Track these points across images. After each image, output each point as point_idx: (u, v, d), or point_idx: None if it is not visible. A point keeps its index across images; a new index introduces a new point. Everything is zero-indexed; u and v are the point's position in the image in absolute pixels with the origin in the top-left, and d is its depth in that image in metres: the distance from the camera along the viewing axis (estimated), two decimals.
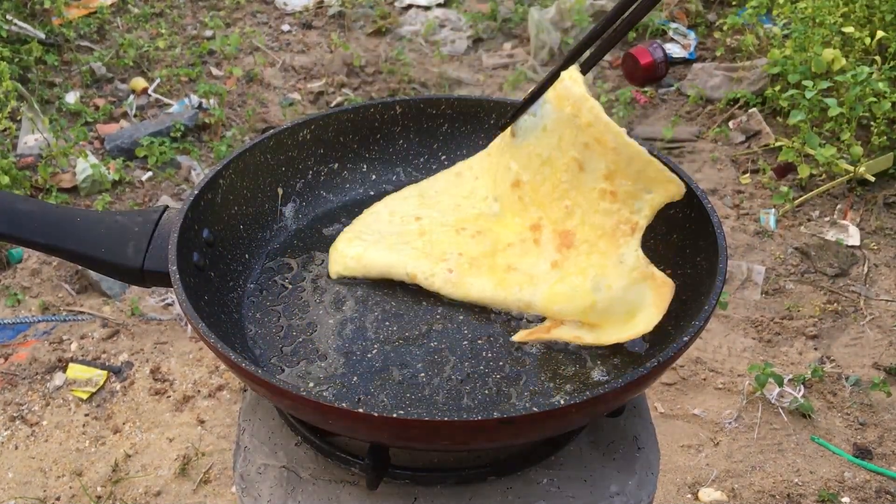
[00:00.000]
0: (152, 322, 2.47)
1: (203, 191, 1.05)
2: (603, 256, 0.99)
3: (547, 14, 3.92)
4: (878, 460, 2.04)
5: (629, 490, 0.97)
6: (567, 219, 1.04)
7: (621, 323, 0.97)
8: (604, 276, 0.98)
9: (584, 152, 1.00)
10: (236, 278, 1.08)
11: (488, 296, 1.03)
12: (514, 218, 1.11)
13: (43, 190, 2.94)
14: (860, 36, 2.96)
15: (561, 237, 1.03)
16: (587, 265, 1.00)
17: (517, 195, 1.11)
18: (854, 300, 2.53)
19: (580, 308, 0.97)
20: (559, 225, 1.05)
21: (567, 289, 0.99)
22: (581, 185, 1.02)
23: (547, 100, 1.06)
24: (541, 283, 1.02)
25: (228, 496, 1.98)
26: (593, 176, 1.00)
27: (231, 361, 0.82)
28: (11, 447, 2.10)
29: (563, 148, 1.03)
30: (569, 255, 1.02)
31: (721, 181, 3.06)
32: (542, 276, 1.02)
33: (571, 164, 1.02)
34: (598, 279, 0.98)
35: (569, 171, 1.03)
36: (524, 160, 1.09)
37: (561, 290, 0.99)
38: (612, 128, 0.97)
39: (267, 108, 3.54)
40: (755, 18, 3.44)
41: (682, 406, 2.20)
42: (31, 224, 1.00)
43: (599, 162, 0.99)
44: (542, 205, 1.07)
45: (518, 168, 1.10)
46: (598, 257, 1.00)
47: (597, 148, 0.99)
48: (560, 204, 1.04)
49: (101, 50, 3.82)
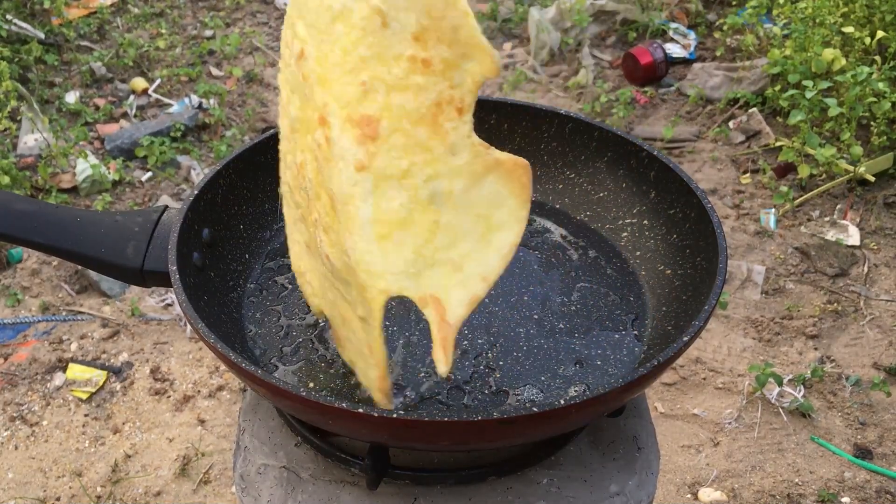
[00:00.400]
0: (152, 322, 2.47)
1: (203, 191, 1.05)
2: (426, 150, 0.71)
3: (547, 14, 3.92)
4: (878, 460, 2.04)
5: (629, 490, 0.97)
6: (364, 100, 0.72)
7: (481, 241, 0.73)
8: (436, 176, 0.71)
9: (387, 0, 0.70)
10: (236, 278, 1.08)
11: (306, 269, 0.76)
12: (307, 114, 0.78)
13: (43, 190, 2.94)
14: (860, 36, 2.96)
15: (360, 126, 0.71)
16: (409, 165, 0.71)
17: (302, 73, 0.77)
18: (854, 300, 2.53)
19: (422, 236, 0.71)
20: (354, 109, 0.72)
21: (395, 206, 0.71)
22: (383, 52, 0.71)
23: None
24: (360, 209, 0.71)
25: (228, 496, 1.98)
26: (399, 37, 0.71)
27: (231, 361, 0.82)
28: (11, 447, 2.10)
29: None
30: (377, 150, 0.71)
31: (721, 181, 3.06)
32: (350, 195, 0.71)
33: (371, 17, 0.71)
34: (432, 181, 0.71)
35: (366, 28, 0.71)
36: (312, 16, 0.75)
37: (387, 212, 0.71)
38: None
39: (267, 108, 3.54)
40: (755, 18, 3.44)
41: (682, 406, 2.20)
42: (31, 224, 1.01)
43: (408, 15, 0.70)
44: (328, 82, 0.74)
45: (303, 32, 0.77)
46: (420, 152, 0.71)
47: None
48: (354, 79, 0.72)
49: (101, 50, 3.82)
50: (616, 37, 3.99)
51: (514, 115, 1.26)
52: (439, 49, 0.70)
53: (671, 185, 1.10)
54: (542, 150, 1.26)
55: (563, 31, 3.89)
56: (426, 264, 0.71)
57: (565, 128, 1.23)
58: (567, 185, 1.24)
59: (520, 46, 4.06)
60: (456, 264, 0.71)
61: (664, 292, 1.06)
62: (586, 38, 3.91)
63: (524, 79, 3.73)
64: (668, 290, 1.06)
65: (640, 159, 1.15)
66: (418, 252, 0.71)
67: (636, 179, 1.16)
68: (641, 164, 1.15)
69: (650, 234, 1.13)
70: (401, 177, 0.71)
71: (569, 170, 1.24)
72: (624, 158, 1.17)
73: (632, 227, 1.16)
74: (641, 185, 1.15)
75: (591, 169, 1.22)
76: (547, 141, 1.25)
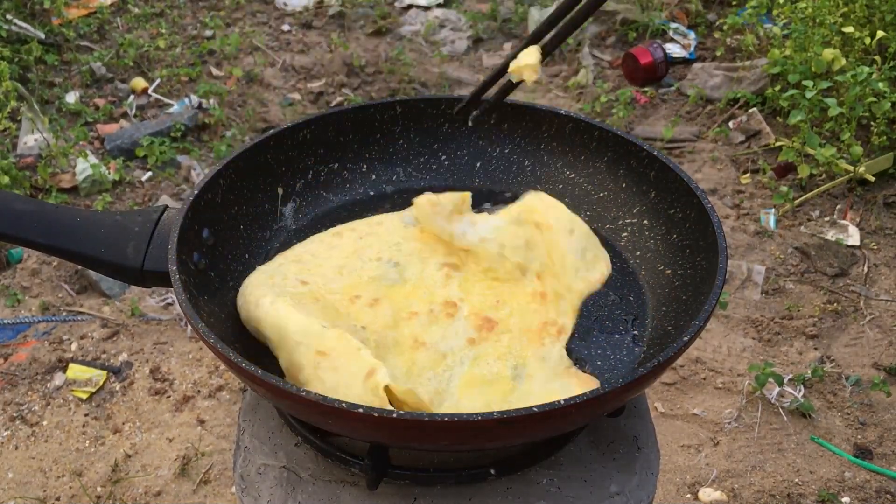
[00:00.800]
0: (152, 322, 2.47)
1: (203, 191, 1.05)
2: (524, 348, 0.96)
3: (547, 14, 3.91)
4: (878, 460, 2.04)
5: (629, 490, 0.97)
6: (494, 310, 1.01)
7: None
8: (524, 365, 0.94)
9: (526, 254, 1.04)
10: (236, 278, 1.08)
11: (401, 382, 0.92)
12: (421, 288, 1.04)
13: (43, 190, 2.94)
14: (860, 36, 2.95)
15: (483, 321, 0.99)
16: (507, 351, 0.95)
17: (444, 273, 1.05)
18: (854, 300, 2.53)
19: (497, 393, 0.91)
20: (483, 312, 1.00)
21: (485, 372, 0.93)
22: (518, 288, 1.03)
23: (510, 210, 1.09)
24: (455, 365, 0.94)
25: (228, 496, 1.98)
26: (530, 278, 1.04)
27: (231, 361, 0.82)
28: (11, 447, 2.10)
29: (507, 255, 1.05)
30: (488, 336, 0.97)
31: (721, 181, 3.06)
32: (457, 353, 0.95)
33: (514, 270, 1.04)
34: (519, 367, 0.94)
35: (510, 277, 1.04)
36: (463, 256, 1.08)
37: (479, 372, 0.93)
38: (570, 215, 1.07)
39: (267, 108, 3.54)
40: (755, 18, 3.44)
41: (682, 406, 2.20)
42: (31, 224, 1.00)
43: (535, 262, 1.04)
44: (469, 292, 1.03)
45: (457, 261, 1.07)
46: (519, 347, 0.96)
47: (537, 239, 1.04)
48: (490, 296, 1.02)
49: (101, 50, 3.82)
50: (616, 37, 3.99)
51: (514, 115, 1.26)
52: (552, 283, 1.03)
53: (671, 185, 1.10)
54: (542, 150, 1.26)
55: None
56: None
57: (565, 128, 1.23)
58: (567, 185, 1.24)
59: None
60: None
61: (664, 292, 1.06)
62: (586, 38, 3.91)
63: None
64: (668, 290, 1.05)
65: (640, 159, 1.14)
66: (488, 406, 0.90)
67: (636, 179, 1.16)
68: (641, 164, 1.15)
69: (650, 234, 1.13)
70: (497, 356, 0.95)
71: (569, 170, 1.24)
72: (624, 158, 1.17)
73: (632, 227, 1.16)
74: (641, 185, 1.15)
75: (591, 169, 1.22)
76: (547, 141, 1.25)
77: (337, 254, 1.09)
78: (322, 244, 1.11)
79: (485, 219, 1.11)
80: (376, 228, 1.14)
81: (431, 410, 0.85)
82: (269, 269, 1.06)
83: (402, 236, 1.12)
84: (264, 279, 1.02)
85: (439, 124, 1.28)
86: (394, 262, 1.07)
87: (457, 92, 3.70)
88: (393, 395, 0.82)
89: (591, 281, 1.02)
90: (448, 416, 0.75)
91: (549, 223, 1.06)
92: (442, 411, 0.89)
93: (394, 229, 1.13)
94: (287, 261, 1.08)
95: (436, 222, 1.08)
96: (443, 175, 1.28)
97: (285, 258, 1.09)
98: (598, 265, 1.04)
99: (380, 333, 0.97)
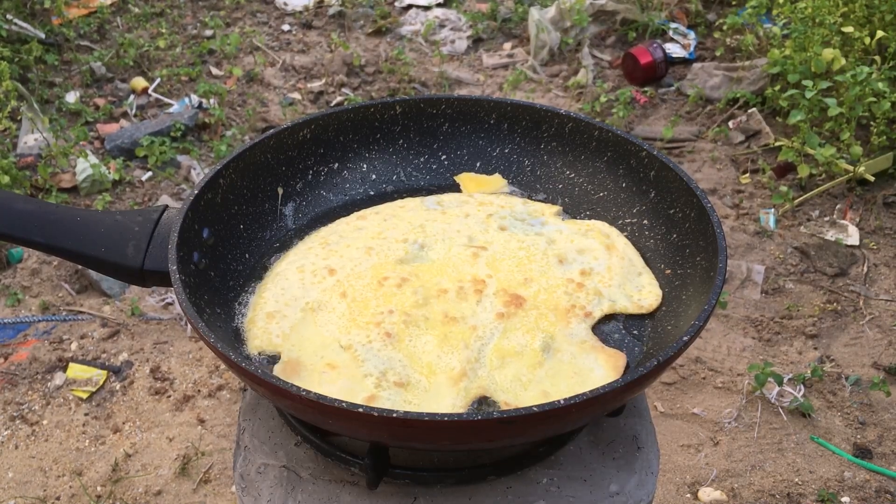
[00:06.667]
0: (152, 322, 2.47)
1: (203, 190, 1.05)
2: (551, 325, 1.00)
3: (547, 14, 3.92)
4: (878, 460, 2.05)
5: (629, 490, 0.97)
6: (523, 287, 1.05)
7: (573, 385, 0.94)
8: (553, 339, 0.98)
9: (574, 255, 1.09)
10: (236, 278, 1.08)
11: (433, 354, 0.96)
12: (449, 266, 1.08)
13: (43, 190, 2.94)
14: (860, 36, 2.95)
15: (511, 297, 1.03)
16: (535, 326, 1.00)
17: (471, 252, 1.10)
18: (854, 300, 2.53)
19: (527, 365, 0.95)
20: (511, 289, 1.04)
21: (515, 345, 0.97)
22: (550, 271, 1.07)
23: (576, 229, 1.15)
24: (486, 337, 0.99)
25: (228, 496, 1.98)
26: (569, 269, 1.08)
27: (231, 361, 0.82)
28: (11, 447, 2.10)
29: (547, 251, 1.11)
30: (517, 312, 1.01)
31: (721, 181, 3.06)
32: (487, 327, 1.00)
33: (551, 258, 1.09)
34: (548, 341, 0.98)
35: (546, 262, 1.09)
36: (490, 236, 1.13)
37: (508, 345, 0.97)
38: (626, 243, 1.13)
39: (267, 108, 3.54)
40: (755, 18, 3.44)
41: (681, 405, 2.20)
42: (31, 224, 1.01)
43: (581, 264, 1.08)
44: (497, 269, 1.08)
45: (482, 242, 1.12)
46: (546, 323, 1.00)
47: (597, 251, 1.08)
48: (518, 274, 1.07)
49: (101, 50, 3.82)
50: (616, 37, 3.99)
51: (514, 115, 1.26)
52: (596, 282, 1.06)
53: (671, 184, 1.10)
54: (542, 150, 1.26)
55: (562, 30, 3.89)
56: (521, 386, 0.93)
57: (565, 128, 1.23)
58: (567, 185, 1.24)
59: (520, 46, 4.06)
60: (546, 393, 0.93)
61: (664, 292, 1.06)
62: (586, 38, 3.91)
63: (524, 78, 3.73)
64: (668, 290, 1.06)
65: (640, 159, 1.15)
66: (518, 377, 0.94)
67: (636, 179, 1.16)
68: (641, 163, 1.15)
69: (650, 234, 1.13)
70: (525, 330, 0.99)
71: (569, 170, 1.24)
72: (624, 158, 1.17)
73: (632, 226, 1.16)
74: (641, 184, 1.15)
75: (591, 169, 1.22)
76: (547, 141, 1.25)
77: (363, 235, 1.13)
78: (348, 226, 1.16)
79: (556, 221, 1.18)
80: (399, 211, 1.18)
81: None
82: (296, 259, 1.10)
83: (426, 218, 1.16)
84: (293, 271, 1.07)
85: (439, 124, 1.28)
86: (419, 243, 1.11)
87: (457, 92, 3.70)
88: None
89: (637, 303, 1.04)
90: (448, 415, 0.75)
91: (616, 246, 1.11)
92: (476, 381, 0.93)
93: (417, 212, 1.17)
94: (315, 244, 1.13)
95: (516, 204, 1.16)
96: (443, 175, 1.28)
97: (312, 241, 1.14)
98: (649, 294, 1.06)
99: (408, 313, 1.00)
